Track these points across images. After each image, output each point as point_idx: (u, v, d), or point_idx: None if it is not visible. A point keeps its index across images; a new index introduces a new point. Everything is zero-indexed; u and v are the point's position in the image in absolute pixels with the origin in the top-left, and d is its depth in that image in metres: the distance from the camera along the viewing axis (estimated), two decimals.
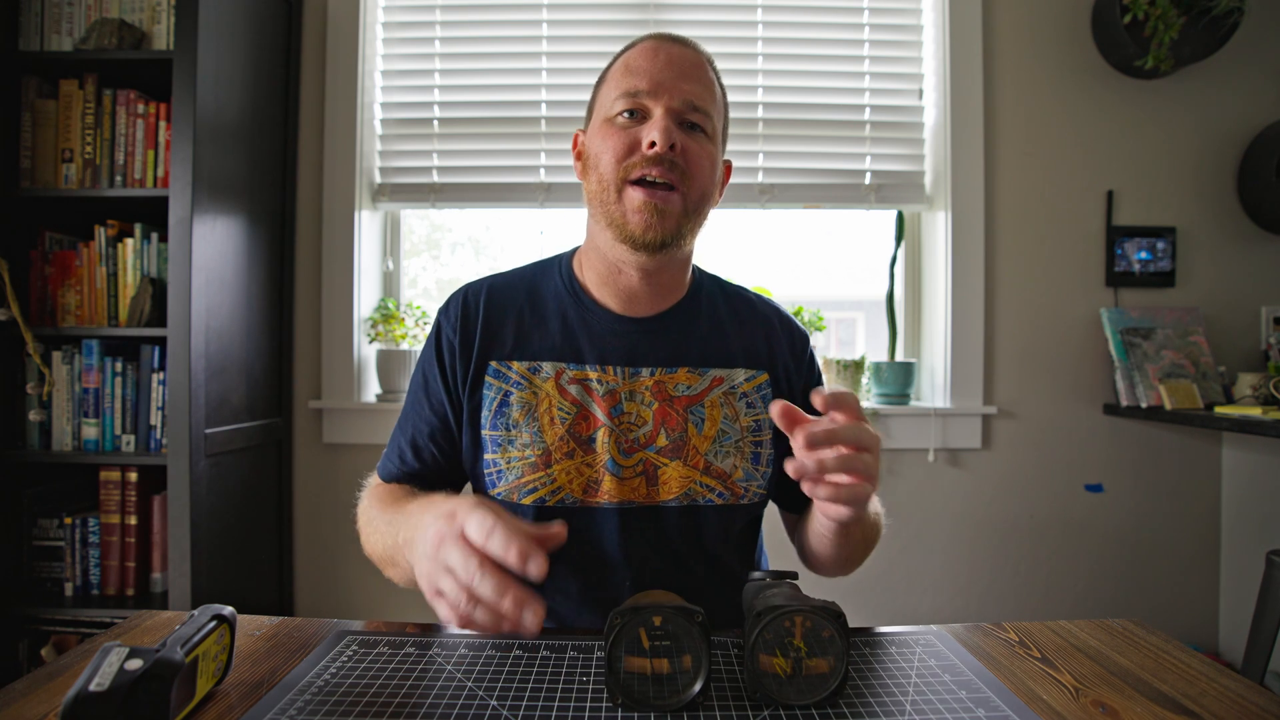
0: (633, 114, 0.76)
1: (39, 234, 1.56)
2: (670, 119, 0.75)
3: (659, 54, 0.77)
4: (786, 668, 0.53)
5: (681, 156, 0.75)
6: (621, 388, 0.81)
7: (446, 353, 0.83)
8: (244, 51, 1.58)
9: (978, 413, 1.79)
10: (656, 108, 0.75)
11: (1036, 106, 1.81)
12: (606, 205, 0.77)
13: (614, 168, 0.76)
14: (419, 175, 1.85)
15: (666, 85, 0.75)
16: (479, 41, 1.84)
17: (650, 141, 0.74)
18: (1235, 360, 1.78)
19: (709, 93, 0.78)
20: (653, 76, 0.76)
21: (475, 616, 0.54)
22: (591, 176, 0.79)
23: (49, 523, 1.53)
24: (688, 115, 0.76)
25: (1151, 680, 0.58)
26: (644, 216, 0.74)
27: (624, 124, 0.77)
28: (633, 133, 0.76)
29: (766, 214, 1.94)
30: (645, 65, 0.77)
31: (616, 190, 0.76)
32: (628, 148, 0.75)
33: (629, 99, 0.76)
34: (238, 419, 1.58)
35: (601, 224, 0.79)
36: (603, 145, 0.77)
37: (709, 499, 0.80)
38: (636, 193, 0.75)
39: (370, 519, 0.80)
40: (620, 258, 0.79)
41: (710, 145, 0.79)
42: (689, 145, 0.76)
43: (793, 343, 0.90)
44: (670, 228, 0.76)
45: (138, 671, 0.44)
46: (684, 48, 0.79)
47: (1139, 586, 1.81)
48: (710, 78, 0.80)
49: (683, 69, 0.77)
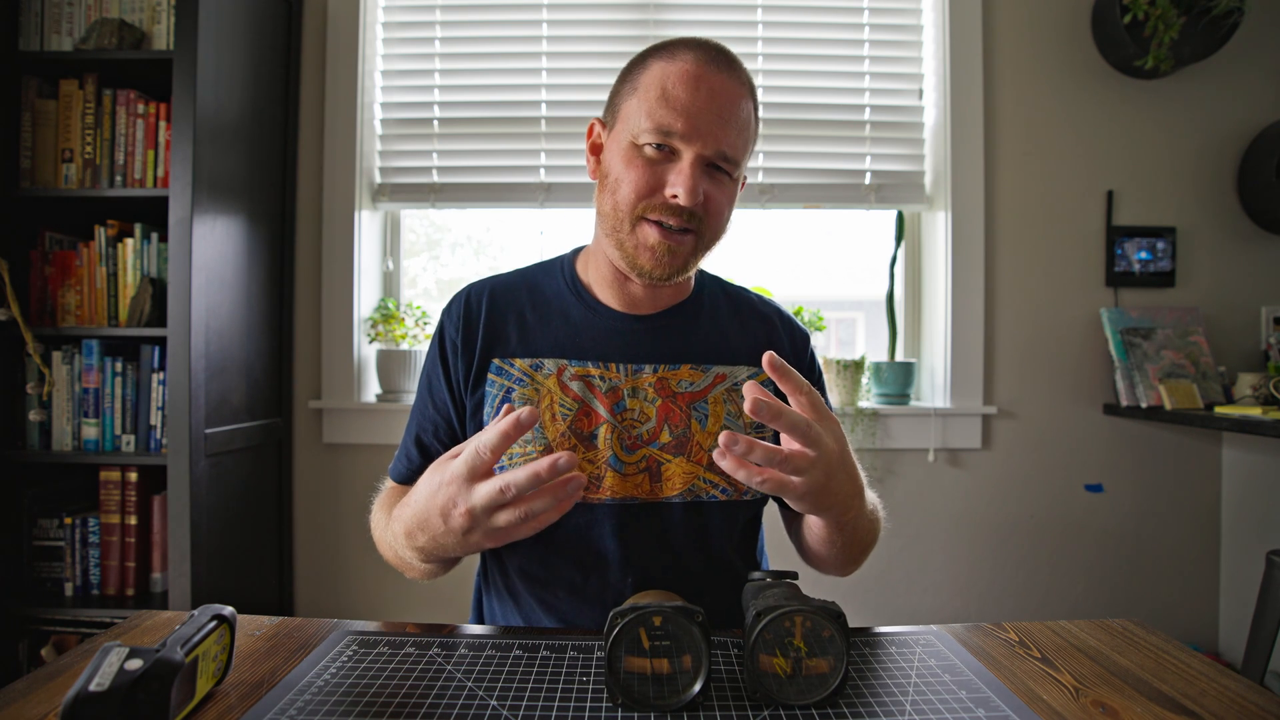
0: (660, 146, 0.73)
1: (39, 234, 1.56)
2: (699, 167, 0.73)
3: (700, 87, 0.72)
4: (786, 668, 0.53)
5: (702, 207, 0.74)
6: (624, 384, 0.81)
7: (450, 352, 0.84)
8: (244, 51, 1.58)
9: (978, 413, 1.79)
10: (688, 152, 0.72)
11: (1036, 106, 1.81)
12: (619, 232, 0.76)
13: (632, 203, 0.74)
14: (419, 175, 1.85)
15: (702, 130, 0.72)
16: (479, 41, 1.84)
17: (674, 194, 0.72)
18: (1235, 360, 1.78)
19: (742, 137, 0.75)
20: (690, 117, 0.71)
21: (535, 509, 0.58)
22: (606, 196, 0.77)
23: (49, 523, 1.53)
24: (717, 162, 0.74)
25: (1151, 680, 0.58)
26: (655, 255, 0.74)
27: (650, 157, 0.73)
28: (658, 171, 0.73)
29: (766, 214, 1.94)
30: (684, 99, 0.72)
31: (631, 223, 0.75)
32: (650, 187, 0.73)
33: (660, 134, 0.72)
34: (238, 419, 1.58)
35: (610, 243, 0.78)
36: (624, 172, 0.74)
37: (712, 495, 0.81)
38: (651, 231, 0.74)
39: (377, 523, 0.81)
40: (625, 271, 0.79)
41: (733, 187, 0.77)
42: (711, 193, 0.74)
43: (794, 342, 0.90)
44: (679, 265, 0.76)
45: (138, 671, 0.44)
46: (727, 77, 0.74)
47: (1139, 586, 1.81)
48: (748, 115, 0.76)
49: (722, 110, 0.72)
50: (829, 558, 0.81)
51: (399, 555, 0.74)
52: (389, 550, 0.78)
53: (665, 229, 0.74)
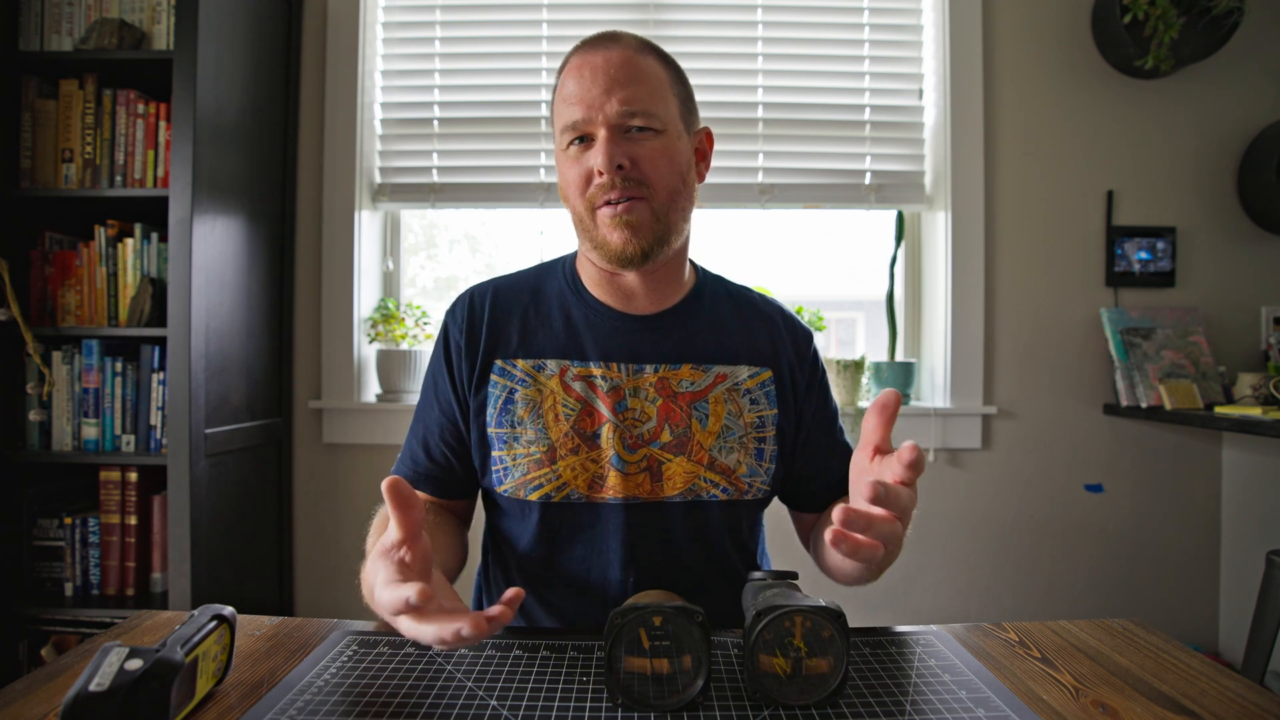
0: (582, 139, 0.77)
1: (39, 234, 1.56)
2: (612, 136, 0.75)
3: (584, 70, 0.76)
4: (786, 668, 0.53)
5: (635, 169, 0.75)
6: (625, 384, 0.81)
7: (454, 353, 0.84)
8: (244, 51, 1.58)
9: (978, 413, 1.79)
10: (598, 130, 0.75)
11: (1036, 106, 1.81)
12: (586, 230, 0.79)
13: (580, 200, 0.78)
14: (419, 175, 1.85)
15: (597, 103, 0.75)
16: (479, 41, 1.84)
17: (597, 171, 0.75)
18: (1235, 360, 1.77)
19: (644, 88, 0.76)
20: (584, 99, 0.75)
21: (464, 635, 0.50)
22: (566, 203, 0.81)
23: (49, 523, 1.53)
24: (629, 122, 0.75)
25: (1151, 680, 0.58)
26: (619, 232, 0.76)
27: (575, 154, 0.77)
28: (584, 161, 0.76)
29: (766, 214, 1.94)
30: (575, 89, 0.76)
31: (588, 216, 0.78)
32: (584, 179, 0.77)
33: (571, 130, 0.77)
34: (238, 419, 1.58)
35: (586, 245, 0.81)
36: (564, 179, 0.79)
37: (713, 494, 0.81)
38: (604, 213, 0.77)
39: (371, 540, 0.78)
40: (610, 266, 0.80)
41: (663, 139, 0.77)
42: (637, 153, 0.75)
43: (796, 341, 0.90)
44: (647, 236, 0.77)
45: (138, 671, 0.44)
46: (609, 49, 0.77)
47: (1139, 586, 1.81)
48: (644, 69, 0.77)
49: (610, 77, 0.75)
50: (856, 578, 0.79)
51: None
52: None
53: (612, 205, 0.76)
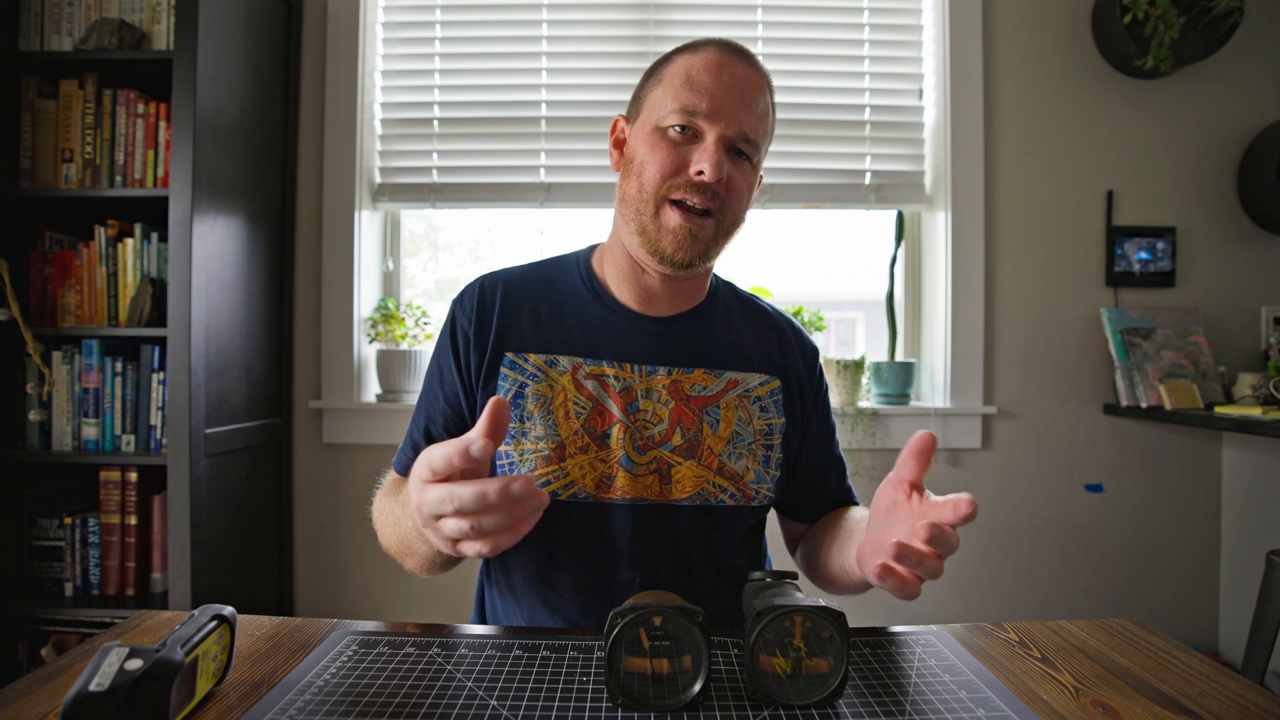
0: (684, 129, 0.75)
1: (39, 234, 1.56)
2: (722, 147, 0.75)
3: (724, 72, 0.76)
4: (786, 668, 0.53)
5: (724, 186, 0.75)
6: (638, 385, 0.81)
7: (461, 342, 0.83)
8: (244, 51, 1.58)
9: (978, 413, 1.79)
10: (711, 132, 0.75)
11: (1036, 106, 1.81)
12: (641, 216, 0.77)
13: (657, 183, 0.75)
14: (419, 175, 1.85)
15: (725, 111, 0.74)
16: (479, 41, 1.84)
17: (699, 170, 0.74)
18: (1235, 360, 1.77)
19: (762, 122, 0.78)
20: (714, 98, 0.74)
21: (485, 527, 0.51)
22: (631, 180, 0.78)
23: (49, 523, 1.53)
24: (739, 144, 0.76)
25: (1151, 680, 0.58)
26: (678, 239, 0.75)
27: (675, 139, 0.76)
28: (683, 152, 0.75)
29: (766, 214, 1.94)
30: (708, 82, 0.75)
31: (655, 205, 0.76)
32: (675, 166, 0.75)
33: (684, 115, 0.75)
34: (238, 419, 1.58)
35: (632, 228, 0.79)
36: (649, 155, 0.76)
37: (721, 499, 0.81)
38: (674, 214, 0.75)
39: (381, 511, 0.80)
40: (644, 259, 0.79)
41: (753, 174, 0.79)
42: (734, 176, 0.76)
43: (804, 354, 0.91)
44: (700, 250, 0.77)
45: (138, 671, 0.44)
46: (748, 68, 0.78)
47: (1139, 586, 1.81)
48: (767, 104, 0.79)
49: (744, 94, 0.76)
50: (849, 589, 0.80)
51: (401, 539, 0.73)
52: (389, 536, 0.77)
53: (687, 211, 0.75)
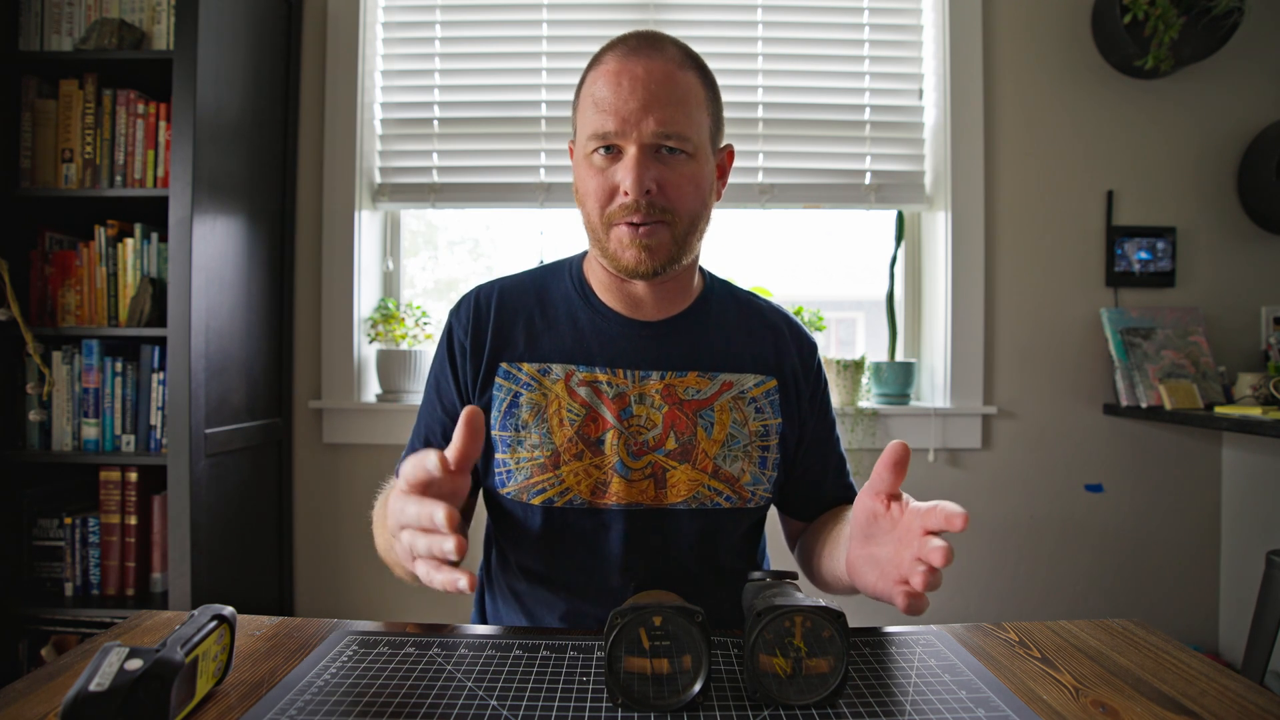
0: (609, 148, 0.74)
1: (39, 234, 1.56)
2: (642, 156, 0.72)
3: (622, 80, 0.72)
4: (786, 668, 0.53)
5: (661, 194, 0.73)
6: (631, 390, 0.81)
7: (458, 354, 0.84)
8: (244, 51, 1.58)
9: (978, 413, 1.79)
10: (628, 147, 0.73)
11: (1036, 106, 1.81)
12: (598, 240, 0.78)
13: (598, 213, 0.76)
14: (419, 175, 1.85)
15: (634, 119, 0.72)
16: (479, 41, 1.84)
17: (625, 190, 0.73)
18: (1235, 360, 1.77)
19: (682, 109, 0.73)
20: (619, 112, 0.72)
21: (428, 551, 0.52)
22: (581, 207, 0.79)
23: (49, 523, 1.53)
24: (661, 143, 0.73)
25: (1151, 680, 0.58)
26: (634, 253, 0.75)
27: (600, 164, 0.75)
28: (609, 175, 0.74)
29: (766, 214, 1.94)
30: (609, 97, 0.72)
31: (604, 229, 0.76)
32: (607, 192, 0.74)
33: (599, 139, 0.74)
34: (238, 419, 1.58)
35: (596, 251, 0.79)
36: (585, 185, 0.76)
37: (717, 502, 0.81)
38: (623, 231, 0.75)
39: (376, 520, 0.81)
40: (621, 275, 0.79)
41: (693, 164, 0.75)
42: (666, 177, 0.74)
43: (801, 351, 0.90)
44: (662, 257, 0.76)
45: (138, 671, 0.44)
46: (651, 59, 0.73)
47: (1139, 586, 1.81)
48: (684, 86, 0.74)
49: (650, 92, 0.72)
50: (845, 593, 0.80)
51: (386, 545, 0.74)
52: (382, 544, 0.78)
53: (633, 226, 0.74)
